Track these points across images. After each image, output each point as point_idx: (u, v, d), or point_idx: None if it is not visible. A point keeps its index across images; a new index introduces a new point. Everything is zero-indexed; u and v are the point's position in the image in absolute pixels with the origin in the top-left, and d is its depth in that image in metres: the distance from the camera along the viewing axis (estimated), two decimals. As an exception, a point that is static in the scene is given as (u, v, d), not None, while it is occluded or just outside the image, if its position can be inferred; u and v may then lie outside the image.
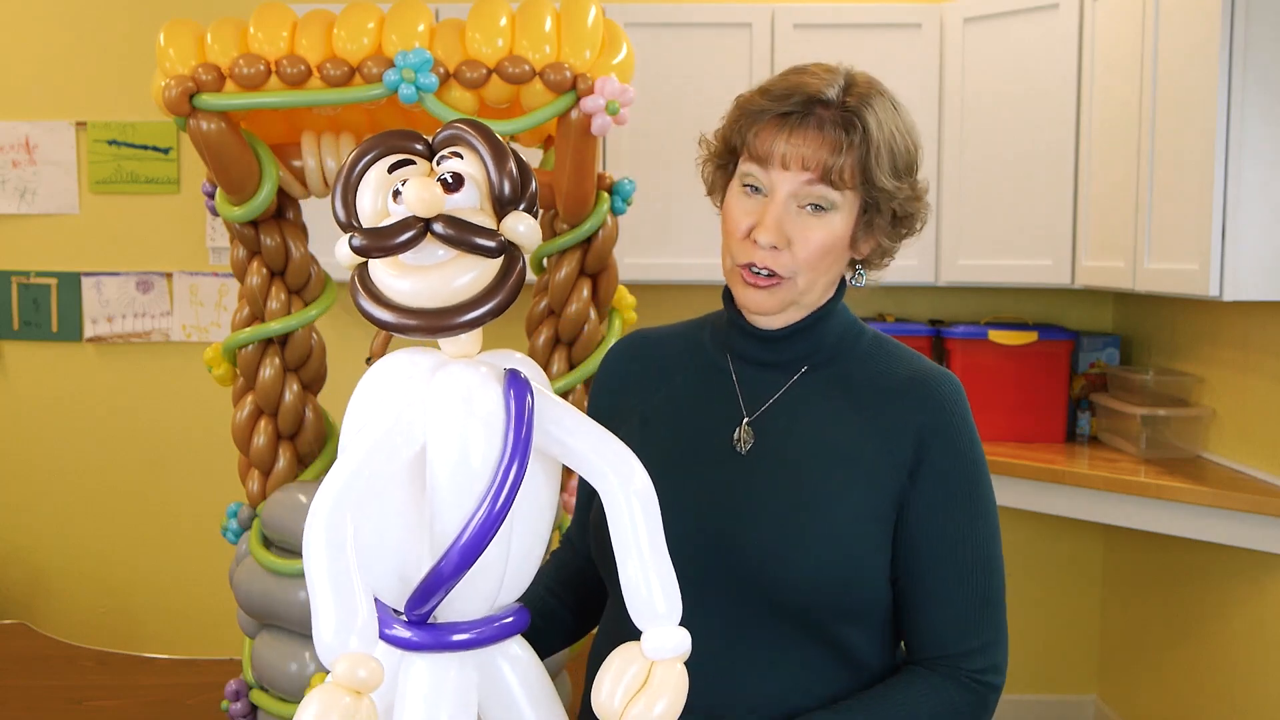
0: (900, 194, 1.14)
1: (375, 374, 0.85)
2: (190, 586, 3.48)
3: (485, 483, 0.80)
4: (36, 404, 3.51)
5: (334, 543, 0.74)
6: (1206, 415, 2.81)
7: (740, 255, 1.12)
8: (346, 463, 0.78)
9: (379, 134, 0.83)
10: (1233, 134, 2.28)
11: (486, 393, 0.81)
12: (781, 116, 1.10)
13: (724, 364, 1.20)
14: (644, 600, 0.84)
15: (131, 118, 3.42)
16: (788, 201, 1.10)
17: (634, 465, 0.86)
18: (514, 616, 0.87)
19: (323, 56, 1.90)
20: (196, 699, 2.02)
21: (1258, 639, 2.61)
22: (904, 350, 1.21)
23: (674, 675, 0.83)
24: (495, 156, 0.81)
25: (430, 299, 0.78)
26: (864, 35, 3.12)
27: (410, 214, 0.78)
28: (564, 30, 1.93)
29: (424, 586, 0.81)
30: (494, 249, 0.78)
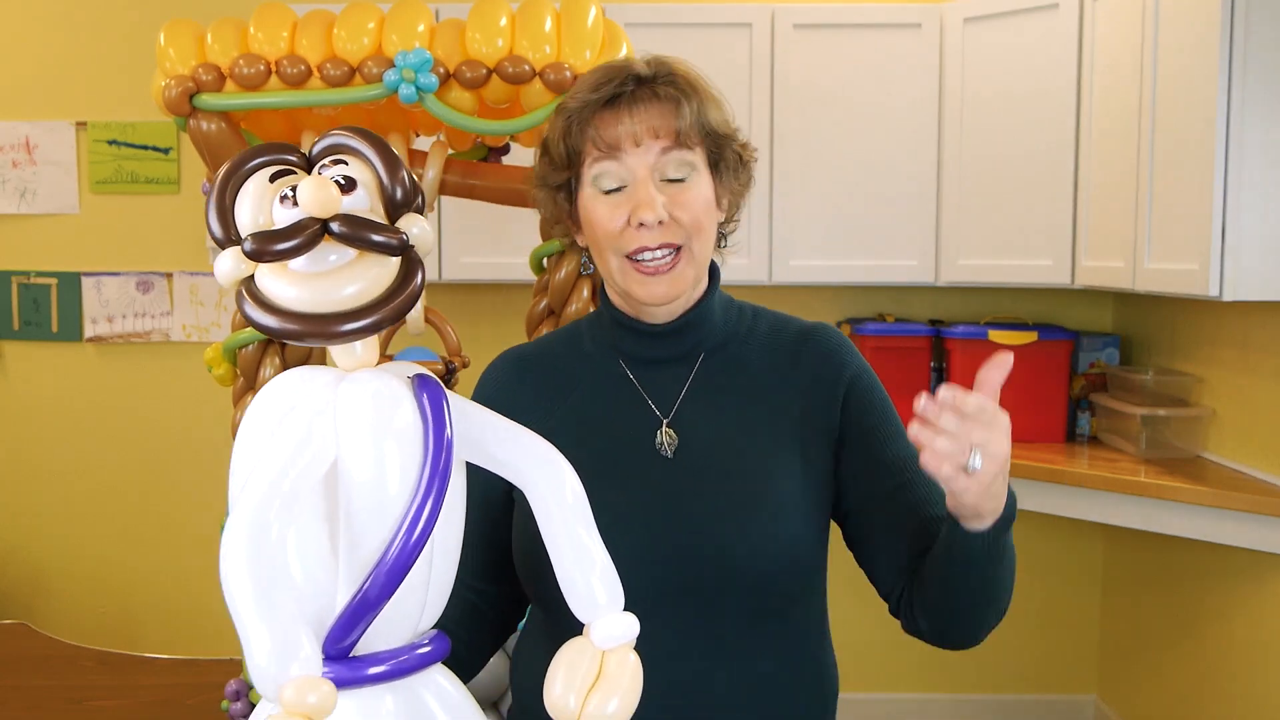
0: (736, 136, 1.17)
1: (269, 393, 0.80)
2: (190, 586, 3.47)
3: (406, 499, 0.74)
4: (36, 404, 3.51)
5: (259, 562, 0.68)
6: (1206, 415, 2.81)
7: (626, 245, 1.10)
8: (258, 481, 0.70)
9: (250, 148, 0.80)
10: (1233, 134, 2.28)
11: (399, 401, 0.76)
12: (611, 101, 1.10)
13: (619, 369, 1.18)
14: (584, 593, 0.81)
15: (131, 118, 3.42)
16: (651, 175, 1.09)
17: (560, 462, 0.83)
18: (433, 643, 0.81)
19: (323, 56, 1.90)
20: (196, 699, 2.01)
21: (1258, 639, 2.61)
22: (779, 314, 1.25)
23: (627, 664, 0.81)
24: (385, 160, 0.78)
25: (325, 304, 0.74)
26: (864, 35, 3.12)
27: (305, 215, 0.74)
28: (564, 30, 1.93)
29: (346, 616, 0.74)
30: (396, 246, 0.75)
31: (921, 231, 3.16)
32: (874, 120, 3.14)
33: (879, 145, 3.15)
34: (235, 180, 0.77)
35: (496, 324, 3.21)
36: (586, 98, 1.11)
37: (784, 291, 3.39)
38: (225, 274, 0.76)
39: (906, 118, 3.14)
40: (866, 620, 2.98)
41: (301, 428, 0.73)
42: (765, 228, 3.16)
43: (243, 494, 0.70)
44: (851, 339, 3.25)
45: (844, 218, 3.15)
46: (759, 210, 3.15)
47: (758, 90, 3.12)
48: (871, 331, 3.19)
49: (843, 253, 3.17)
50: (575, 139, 1.12)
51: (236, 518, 0.69)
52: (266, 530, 0.68)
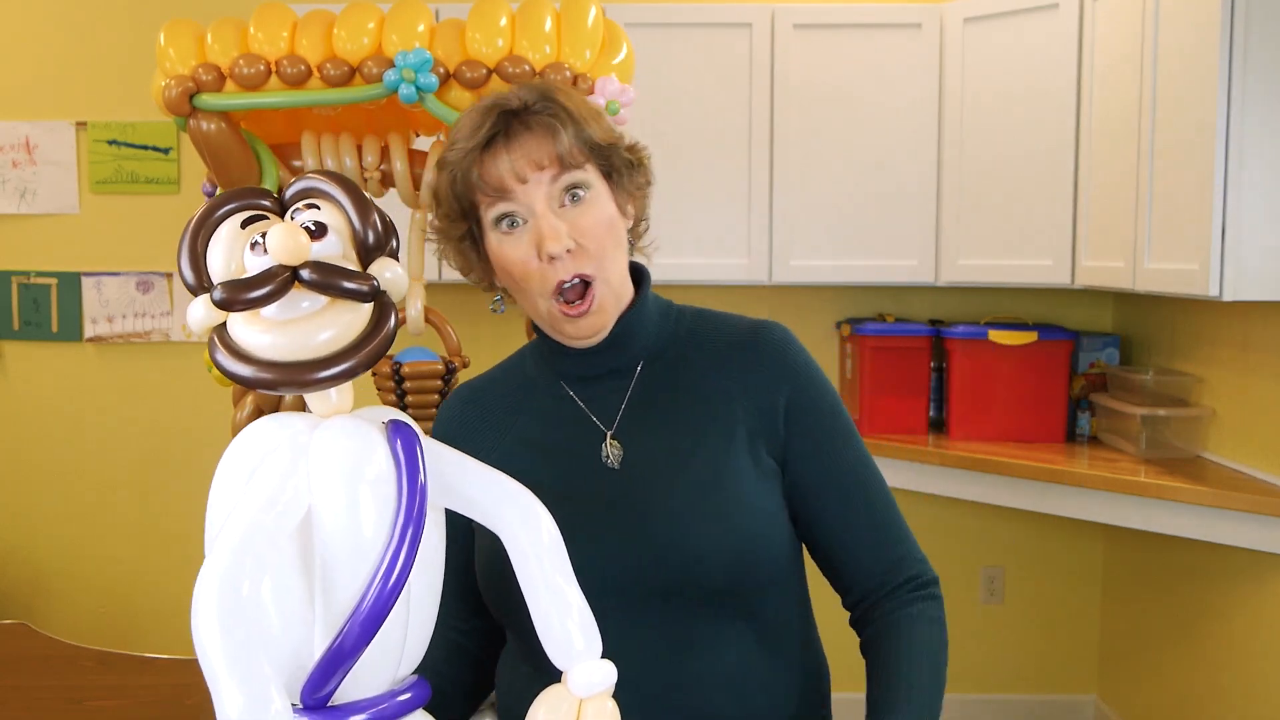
0: (621, 141, 1.16)
1: (242, 443, 0.79)
2: (190, 586, 3.46)
3: (380, 546, 0.74)
4: (36, 404, 3.51)
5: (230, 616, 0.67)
6: (1206, 415, 2.81)
7: (547, 284, 1.09)
8: (231, 533, 0.70)
9: (222, 193, 0.80)
10: (1233, 134, 2.28)
11: (372, 448, 0.75)
12: (487, 143, 1.09)
13: (560, 390, 1.19)
14: (561, 639, 0.81)
15: (131, 118, 3.42)
16: (549, 206, 1.08)
17: (535, 506, 0.83)
18: (413, 690, 0.80)
19: (323, 56, 1.90)
20: (196, 699, 2.01)
21: (1258, 639, 2.61)
22: (722, 314, 1.23)
23: (605, 711, 0.81)
24: (357, 204, 0.77)
25: (298, 352, 0.73)
26: (864, 35, 3.13)
27: (275, 263, 0.73)
28: (564, 30, 1.93)
29: (323, 666, 0.73)
30: (367, 293, 0.74)
31: (921, 231, 3.16)
32: (874, 120, 3.14)
33: (879, 145, 3.15)
34: (207, 227, 0.77)
35: (496, 324, 3.21)
36: (464, 146, 1.10)
37: (784, 291, 3.39)
38: (197, 321, 0.75)
39: (906, 118, 3.14)
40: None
41: (275, 477, 0.73)
42: (765, 228, 3.16)
43: (215, 546, 0.69)
44: (851, 339, 3.27)
45: (844, 218, 3.15)
46: (759, 210, 3.15)
47: (758, 90, 3.12)
48: (871, 331, 3.19)
49: (843, 253, 3.17)
50: (462, 189, 1.11)
51: (208, 570, 0.68)
52: (238, 584, 0.68)
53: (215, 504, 0.78)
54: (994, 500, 2.95)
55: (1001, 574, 3.50)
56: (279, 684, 0.67)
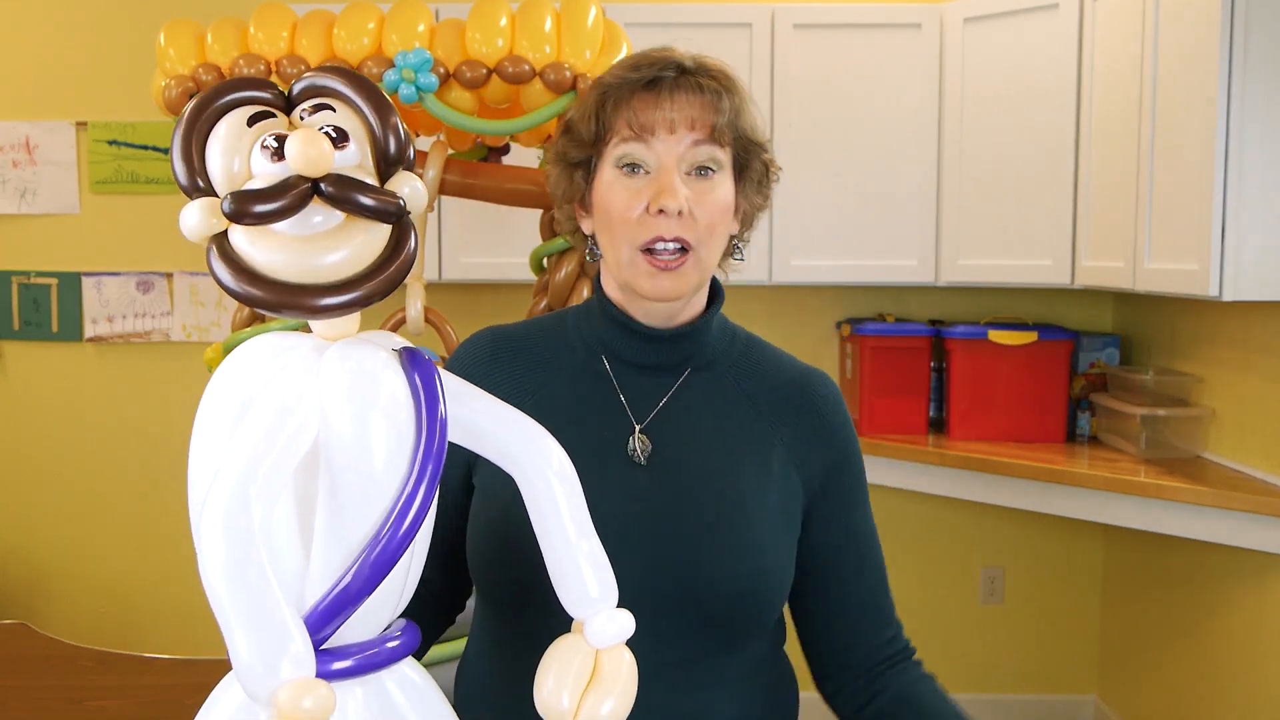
0: (768, 148, 1.14)
1: (241, 359, 0.71)
2: (190, 586, 3.45)
3: (396, 483, 0.67)
4: (36, 404, 3.51)
5: (241, 547, 0.61)
6: (1206, 415, 2.81)
7: (642, 235, 1.05)
8: (235, 457, 0.63)
9: (220, 83, 0.69)
10: (1233, 134, 2.28)
11: (389, 376, 0.69)
12: (652, 84, 1.06)
13: (601, 367, 1.14)
14: (576, 587, 0.76)
15: (132, 118, 3.42)
16: (677, 166, 1.05)
17: (550, 444, 0.77)
18: (403, 636, 0.74)
19: (323, 56, 1.90)
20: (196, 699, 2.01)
21: (1257, 639, 2.61)
22: (777, 350, 1.21)
23: (623, 662, 0.76)
24: (378, 108, 0.69)
25: (307, 274, 0.65)
26: (864, 35, 3.13)
27: (293, 173, 0.65)
28: (564, 30, 1.93)
29: (322, 611, 0.66)
30: (393, 212, 0.67)
31: (921, 231, 3.16)
32: (874, 120, 3.14)
33: (879, 145, 3.15)
34: (205, 119, 0.68)
35: (496, 324, 3.21)
36: (625, 76, 1.07)
37: (784, 291, 3.39)
38: (193, 228, 0.66)
39: (906, 118, 3.14)
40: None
41: (281, 398, 0.66)
42: (765, 228, 3.15)
43: (220, 471, 0.62)
44: (851, 339, 3.27)
45: (844, 218, 3.16)
46: (759, 210, 3.15)
47: (758, 90, 3.11)
48: (871, 331, 3.19)
49: (843, 253, 3.17)
50: (608, 115, 1.07)
51: (214, 498, 0.61)
52: (247, 511, 0.61)
53: (206, 428, 0.70)
54: (994, 500, 2.95)
55: (1001, 574, 3.50)
56: (298, 621, 0.62)
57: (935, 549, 3.44)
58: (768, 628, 1.12)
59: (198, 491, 0.68)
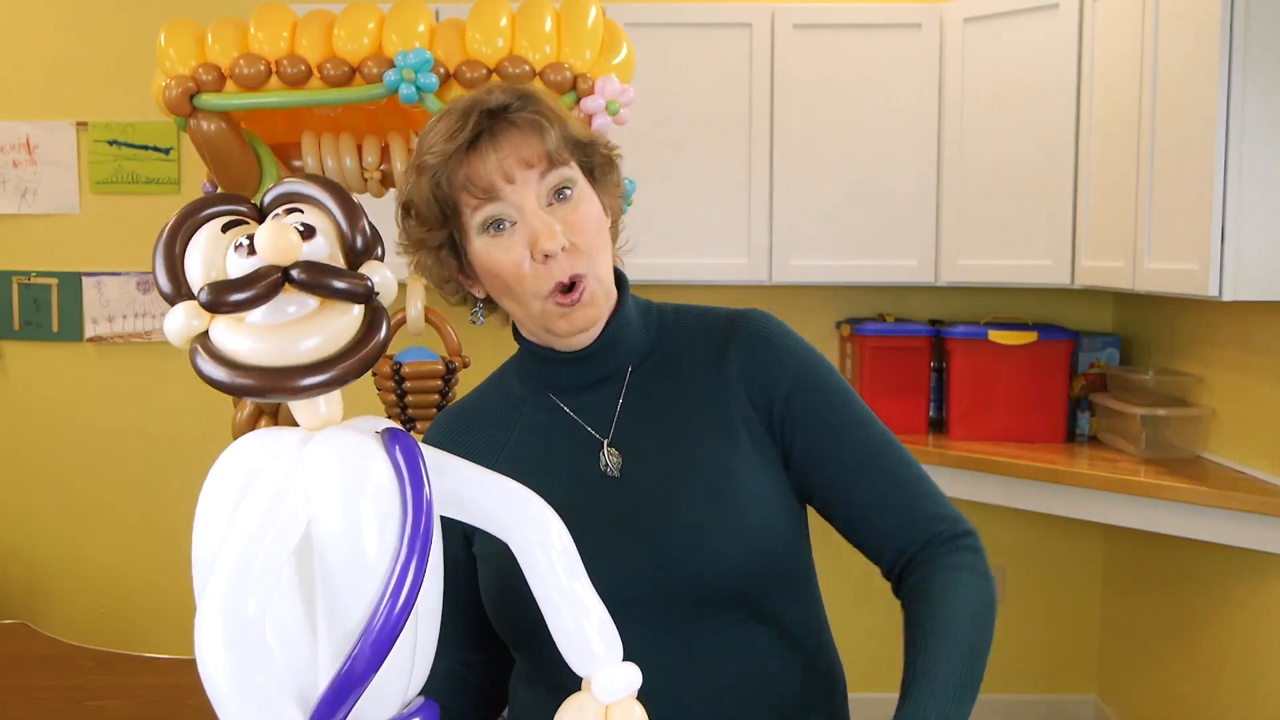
0: (600, 139, 1.14)
1: (229, 459, 0.74)
2: (190, 586, 3.46)
3: (387, 564, 0.69)
4: (36, 404, 3.51)
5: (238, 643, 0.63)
6: (1206, 415, 2.81)
7: (542, 286, 1.05)
8: (228, 556, 0.65)
9: (196, 200, 0.75)
10: (1233, 134, 2.28)
11: (371, 459, 0.71)
12: (472, 145, 1.05)
13: (550, 402, 1.16)
14: (580, 646, 0.78)
15: (132, 118, 3.42)
16: (538, 204, 1.05)
17: (544, 510, 0.79)
18: (421, 713, 0.76)
19: (323, 56, 1.90)
20: (196, 699, 2.01)
21: (1257, 639, 2.61)
22: (700, 308, 1.21)
23: (633, 716, 0.79)
24: (343, 207, 0.73)
25: (286, 358, 0.69)
26: (864, 35, 3.13)
27: (264, 263, 0.69)
28: (564, 30, 1.93)
29: (331, 694, 0.69)
30: (361, 293, 0.70)
31: (921, 231, 3.16)
32: (874, 120, 3.14)
33: (879, 145, 3.15)
34: (185, 231, 0.73)
35: (497, 324, 3.21)
36: (445, 148, 1.05)
37: (784, 291, 3.39)
38: (176, 331, 0.71)
39: (906, 118, 3.14)
40: (865, 620, 2.98)
41: (268, 495, 0.68)
42: (765, 228, 3.16)
43: (213, 572, 0.65)
44: (851, 339, 3.27)
45: (844, 218, 3.15)
46: (759, 210, 3.15)
47: (758, 90, 3.11)
48: (871, 331, 3.19)
49: (843, 253, 3.17)
50: (446, 192, 1.06)
51: (209, 597, 0.64)
52: (243, 607, 0.64)
53: (202, 529, 0.73)
54: (994, 500, 2.95)
55: (1001, 574, 3.50)
56: (295, 710, 0.64)
57: (935, 549, 3.43)
58: (788, 589, 1.12)
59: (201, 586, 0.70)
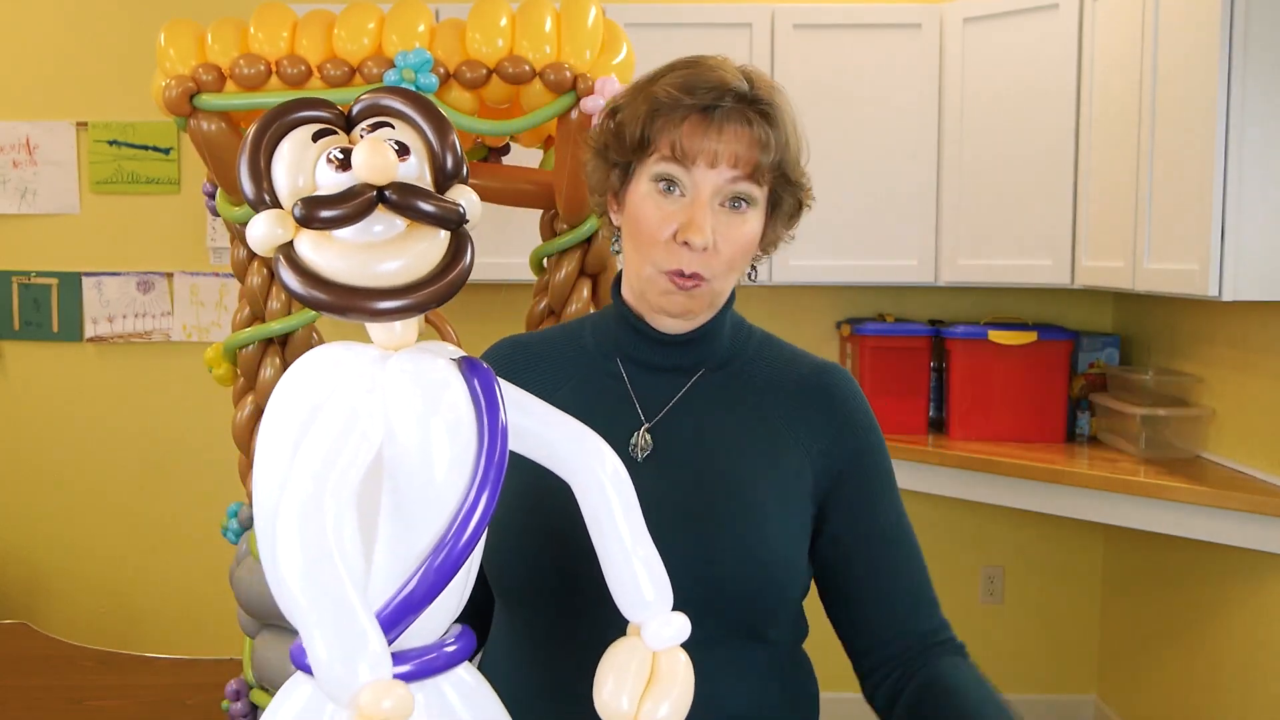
0: (806, 183, 1.15)
1: (304, 370, 0.73)
2: (190, 586, 3.48)
3: (459, 489, 0.69)
4: (36, 404, 3.51)
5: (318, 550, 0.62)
6: (1206, 415, 2.81)
7: (665, 261, 1.06)
8: (305, 464, 0.64)
9: (282, 103, 0.73)
10: (1233, 134, 2.28)
11: (450, 384, 0.71)
12: (704, 112, 1.05)
13: (615, 369, 1.15)
14: (632, 591, 0.78)
15: (132, 118, 3.42)
16: (712, 198, 1.05)
17: (603, 448, 0.79)
18: (460, 640, 0.75)
19: (323, 56, 1.90)
20: (196, 699, 2.01)
21: (1257, 639, 2.61)
22: (791, 347, 1.21)
23: (679, 663, 0.78)
24: (436, 126, 0.72)
25: (370, 278, 0.68)
26: (864, 35, 3.13)
27: (359, 181, 0.68)
28: (564, 30, 1.93)
29: (391, 614, 0.68)
30: (453, 218, 0.70)
31: (921, 231, 3.16)
32: (874, 120, 3.14)
33: (879, 145, 3.15)
34: (272, 135, 0.71)
35: (496, 324, 3.21)
36: (679, 97, 1.05)
37: (784, 291, 3.39)
38: (260, 239, 0.69)
39: (906, 118, 3.14)
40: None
41: (346, 408, 0.67)
42: (765, 228, 3.15)
43: (290, 479, 0.64)
44: (851, 339, 3.27)
45: (844, 218, 3.15)
46: (759, 210, 3.15)
47: (758, 90, 3.11)
48: (871, 331, 3.19)
49: (842, 253, 3.17)
50: (655, 129, 1.06)
51: (288, 503, 0.63)
52: (321, 515, 0.63)
53: (271, 438, 0.71)
54: (994, 500, 2.95)
55: (1001, 574, 3.50)
56: (375, 624, 0.63)
57: (935, 549, 3.42)
58: (778, 622, 1.12)
59: (265, 500, 0.70)
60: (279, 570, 0.62)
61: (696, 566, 1.04)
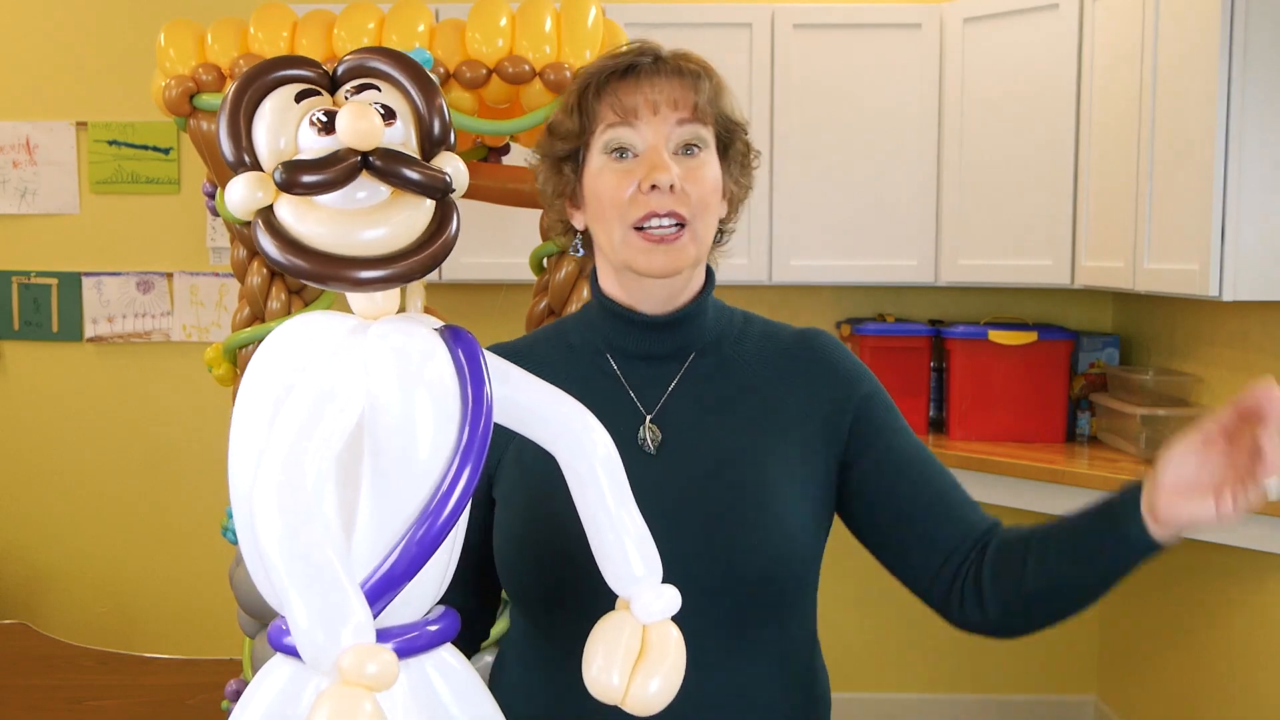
0: (747, 130, 1.17)
1: (280, 338, 0.70)
2: (190, 586, 3.47)
3: (442, 463, 0.67)
4: (36, 404, 3.51)
5: (297, 516, 0.60)
6: (1206, 415, 2.81)
7: (634, 213, 1.06)
8: (284, 430, 0.62)
9: (265, 60, 0.70)
10: (1233, 134, 2.28)
11: (433, 354, 0.68)
12: (630, 70, 1.09)
13: (606, 364, 1.14)
14: (620, 564, 0.76)
15: (131, 118, 3.42)
16: (665, 145, 1.07)
17: (590, 421, 0.77)
18: (443, 620, 0.73)
19: (323, 57, 1.90)
20: (196, 699, 2.01)
21: (1257, 639, 2.61)
22: (770, 321, 1.22)
23: (670, 637, 0.76)
24: (424, 90, 0.69)
25: (352, 246, 0.65)
26: (864, 35, 3.13)
27: (343, 146, 0.65)
28: (564, 30, 1.93)
29: (372, 589, 0.65)
30: (439, 187, 0.67)
31: (921, 231, 3.16)
32: (874, 120, 3.14)
33: (879, 145, 3.15)
34: (253, 95, 0.68)
35: (497, 324, 3.21)
36: (604, 64, 1.10)
37: (784, 291, 3.39)
38: (238, 202, 0.66)
39: (906, 118, 3.14)
40: (865, 620, 2.99)
41: (324, 380, 0.65)
42: (765, 228, 3.15)
43: (267, 450, 0.62)
44: (851, 339, 3.27)
45: (844, 218, 3.15)
46: (759, 210, 3.15)
47: (758, 90, 3.12)
48: (871, 331, 3.19)
49: (843, 253, 3.17)
50: (590, 103, 1.09)
51: (266, 471, 0.61)
52: (301, 480, 0.60)
53: (249, 405, 0.69)
54: (994, 500, 2.95)
55: (1001, 574, 3.49)
56: (358, 591, 0.61)
57: (935, 549, 3.43)
58: (798, 602, 1.12)
59: (240, 474, 0.68)
60: (258, 539, 0.60)
61: (719, 554, 1.05)
